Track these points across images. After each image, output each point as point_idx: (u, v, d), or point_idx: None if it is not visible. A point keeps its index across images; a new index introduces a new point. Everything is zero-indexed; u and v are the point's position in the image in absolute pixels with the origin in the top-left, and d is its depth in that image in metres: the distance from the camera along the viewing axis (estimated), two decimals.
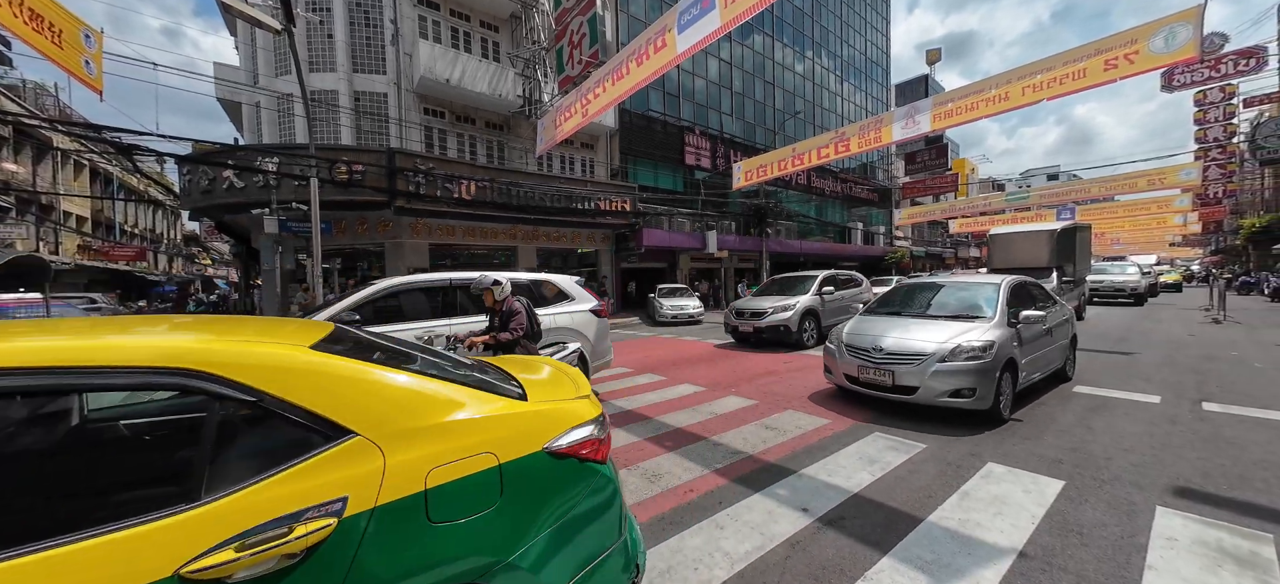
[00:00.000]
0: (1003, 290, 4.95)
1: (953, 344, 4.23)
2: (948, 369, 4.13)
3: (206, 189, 12.23)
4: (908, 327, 4.77)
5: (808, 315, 9.22)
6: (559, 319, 5.23)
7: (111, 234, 30.46)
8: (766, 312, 9.13)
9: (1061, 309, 5.84)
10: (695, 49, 5.90)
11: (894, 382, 4.36)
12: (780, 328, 8.85)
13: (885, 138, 10.69)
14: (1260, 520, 2.60)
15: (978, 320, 4.66)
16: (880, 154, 37.71)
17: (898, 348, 4.47)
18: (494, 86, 16.06)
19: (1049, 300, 5.70)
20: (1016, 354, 4.47)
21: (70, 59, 5.84)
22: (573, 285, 5.64)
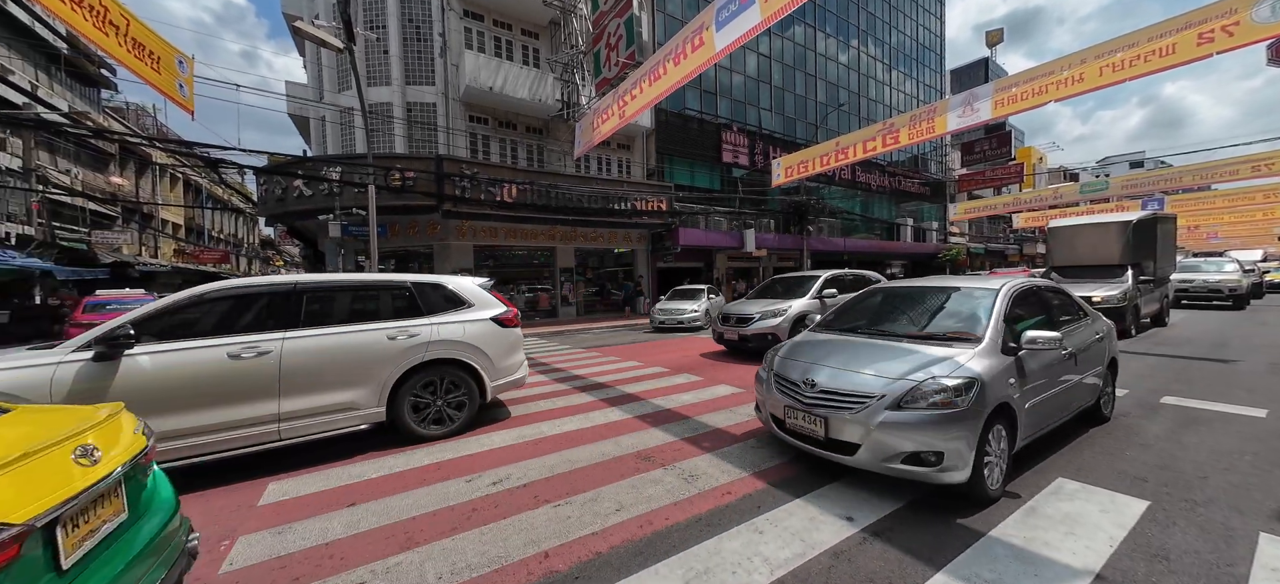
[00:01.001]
0: (999, 300, 3.42)
1: (913, 381, 2.84)
2: (903, 420, 2.73)
3: (280, 197, 13.40)
4: (858, 353, 3.35)
5: (802, 322, 7.94)
6: (443, 331, 4.24)
7: (201, 239, 33.98)
8: (753, 317, 8.03)
9: (1092, 324, 4.25)
10: (734, 46, 5.82)
11: (826, 433, 2.97)
12: (768, 336, 7.60)
13: (939, 128, 10.11)
14: None
15: (959, 344, 3.17)
16: (933, 145, 35.55)
17: (835, 385, 3.05)
18: (534, 92, 16.54)
19: (1074, 311, 4.22)
20: (1014, 395, 3.00)
21: (166, 83, 6.59)
22: (473, 290, 4.72)
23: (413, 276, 4.46)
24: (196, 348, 3.33)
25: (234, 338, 3.45)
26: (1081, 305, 4.34)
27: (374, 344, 3.89)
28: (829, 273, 8.99)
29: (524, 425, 4.61)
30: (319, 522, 2.82)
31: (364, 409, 3.83)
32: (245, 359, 3.42)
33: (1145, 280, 9.52)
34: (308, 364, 3.61)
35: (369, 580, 2.25)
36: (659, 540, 2.49)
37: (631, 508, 2.85)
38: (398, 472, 3.55)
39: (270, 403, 3.47)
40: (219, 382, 3.32)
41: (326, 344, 3.73)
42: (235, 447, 3.39)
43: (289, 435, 3.56)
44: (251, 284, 3.78)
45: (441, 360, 4.18)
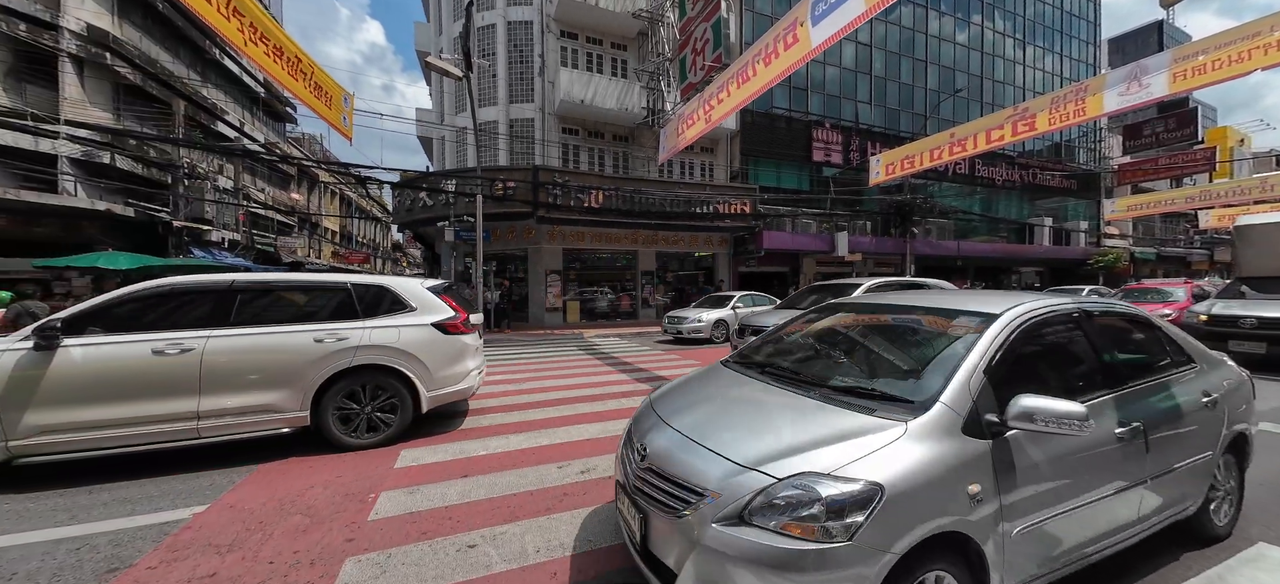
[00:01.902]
0: (985, 340, 1.92)
1: (767, 476, 1.55)
2: (737, 547, 1.47)
3: (408, 207, 15.64)
4: (737, 406, 2.11)
5: None
6: (375, 335, 3.96)
7: (349, 243, 40.83)
8: (751, 328, 7.35)
9: (1194, 380, 2.45)
10: (833, 40, 5.55)
11: (640, 537, 1.83)
12: None
13: (1092, 109, 8.59)
14: None
15: (890, 410, 1.75)
16: (1082, 130, 29.84)
17: (669, 462, 1.82)
18: (621, 101, 17.21)
19: (1159, 354, 2.49)
20: (980, 517, 1.59)
21: (334, 116, 8.13)
22: (416, 292, 4.32)
23: (355, 277, 4.24)
24: (125, 342, 3.37)
25: (162, 334, 3.46)
26: (1176, 342, 2.59)
27: (298, 346, 3.73)
28: (824, 284, 7.34)
29: (608, 420, 4.89)
30: (439, 487, 3.20)
31: (285, 412, 3.69)
32: (168, 355, 3.41)
33: None
34: (229, 363, 3.54)
35: (479, 544, 2.55)
36: None
37: None
38: (499, 452, 3.96)
39: (190, 400, 3.44)
40: (141, 376, 3.35)
41: (249, 344, 3.63)
42: (156, 440, 3.41)
43: (208, 433, 3.52)
44: (189, 282, 3.74)
45: (372, 366, 3.93)
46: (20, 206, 13.41)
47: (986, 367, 1.83)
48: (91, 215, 14.60)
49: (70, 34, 15.20)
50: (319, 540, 2.56)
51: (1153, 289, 10.48)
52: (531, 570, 2.32)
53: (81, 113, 15.08)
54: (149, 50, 17.79)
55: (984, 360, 1.85)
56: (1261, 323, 7.02)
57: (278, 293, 3.98)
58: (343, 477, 3.39)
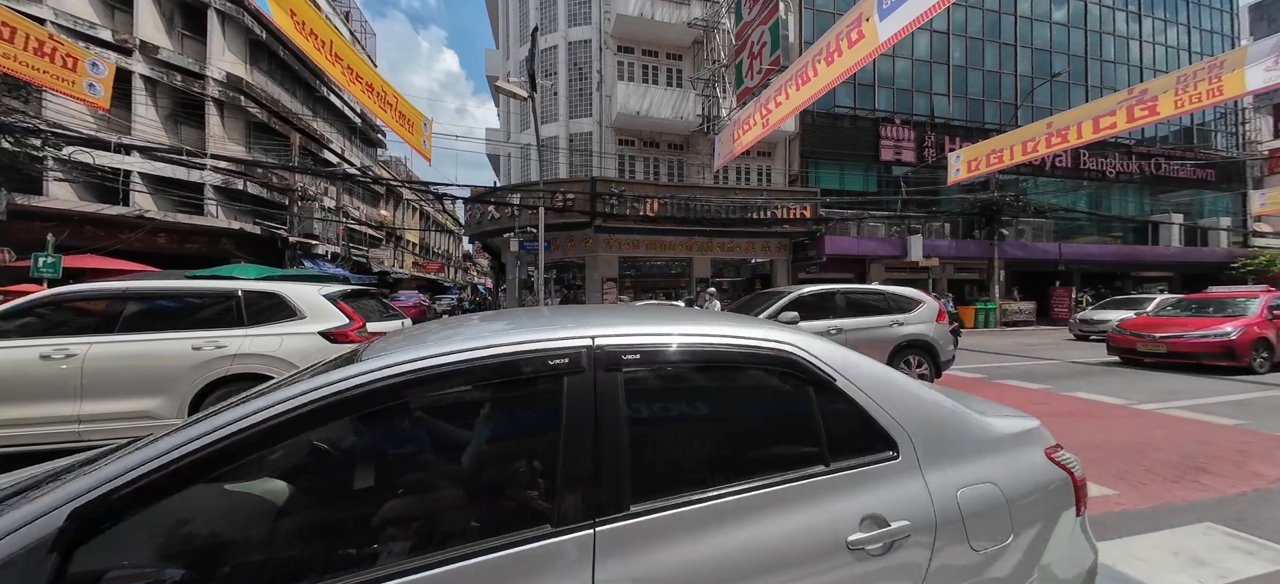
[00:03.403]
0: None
1: None
2: None
3: (478, 220, 16.86)
4: None
5: None
6: (256, 343, 3.84)
7: (426, 253, 44.66)
8: None
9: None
10: (903, 33, 5.29)
11: None
12: None
13: (1231, 88, 7.41)
14: None
15: None
16: (1218, 113, 25.36)
17: None
18: (676, 110, 17.37)
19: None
20: None
21: (417, 140, 9.05)
22: (311, 300, 4.11)
23: (247, 284, 4.17)
24: (14, 348, 3.52)
25: (51, 340, 3.57)
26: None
27: (175, 353, 3.71)
28: (802, 290, 6.40)
29: None
30: None
31: (162, 420, 3.66)
32: (54, 360, 3.50)
33: None
34: (109, 369, 3.58)
35: None
36: None
37: None
38: None
39: (71, 404, 3.51)
40: (26, 380, 3.46)
41: (129, 351, 3.65)
42: (42, 442, 3.49)
43: (89, 437, 3.55)
44: (86, 290, 3.90)
45: (251, 376, 3.81)
46: (176, 227, 16.27)
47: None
48: (228, 233, 17.34)
49: (214, 82, 18.27)
50: None
51: (1216, 299, 8.57)
52: None
53: (222, 147, 18.03)
54: (273, 92, 20.89)
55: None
56: None
57: (166, 300, 3.98)
58: None
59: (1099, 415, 5.27)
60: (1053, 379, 7.50)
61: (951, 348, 6.57)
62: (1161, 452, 4.04)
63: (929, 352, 6.19)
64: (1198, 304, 9.09)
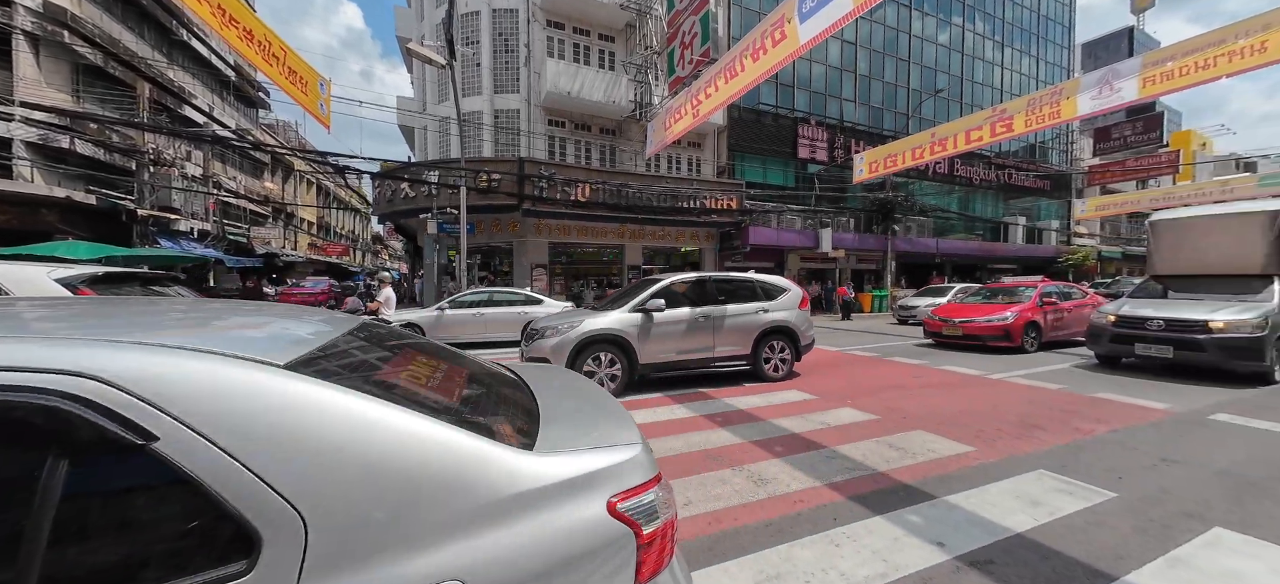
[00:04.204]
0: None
1: None
2: None
3: (389, 198, 15.25)
4: None
5: (616, 347, 5.60)
6: None
7: (327, 234, 39.69)
8: (539, 333, 5.81)
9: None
10: (821, 38, 5.54)
11: None
12: (542, 362, 5.49)
13: (1066, 112, 8.84)
14: None
15: None
16: (1055, 133, 30.77)
17: None
18: (608, 94, 17.06)
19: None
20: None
21: (311, 103, 7.84)
22: (39, 284, 3.42)
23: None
24: None
25: None
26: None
27: None
28: (672, 278, 6.35)
29: None
30: None
31: None
32: None
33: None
34: None
35: None
36: (728, 539, 2.51)
37: (700, 505, 2.88)
38: None
39: None
40: None
41: None
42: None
43: None
44: None
45: None
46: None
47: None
48: (51, 203, 13.86)
49: (25, 10, 14.32)
50: None
51: (1005, 288, 10.23)
52: None
53: (37, 94, 14.25)
54: (111, 29, 16.89)
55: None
56: (1170, 325, 6.40)
57: None
58: None
59: (962, 385, 6.20)
60: (926, 355, 8.66)
61: (812, 332, 6.91)
62: (1007, 413, 4.86)
63: (791, 337, 6.54)
64: (989, 293, 10.39)
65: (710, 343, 6.07)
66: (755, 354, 6.29)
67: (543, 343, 5.51)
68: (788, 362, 6.56)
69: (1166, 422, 4.59)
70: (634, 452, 1.15)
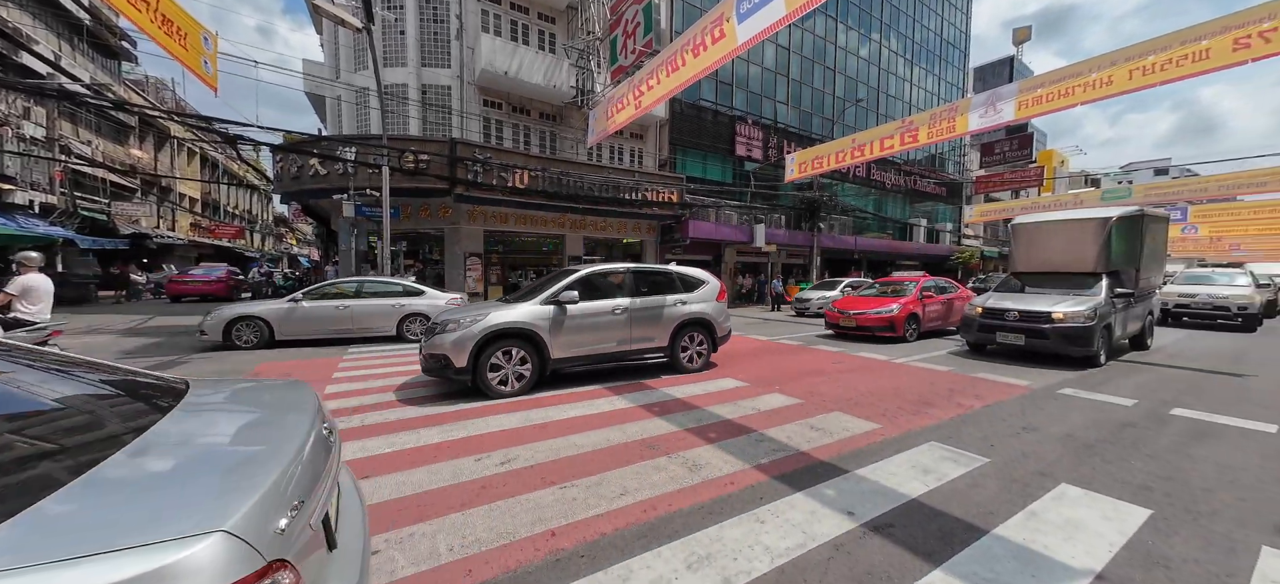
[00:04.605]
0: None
1: None
2: None
3: (295, 175, 13.54)
4: None
5: (525, 340, 5.27)
6: None
7: (217, 214, 34.49)
8: (440, 327, 5.24)
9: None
10: (756, 39, 5.69)
11: None
12: (442, 358, 5.04)
13: (960, 128, 9.89)
14: None
15: None
16: (952, 145, 34.82)
17: None
18: (549, 78, 16.45)
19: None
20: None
21: (192, 59, 6.66)
22: None
23: None
24: None
25: None
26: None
27: None
28: (589, 269, 6.11)
29: (530, 409, 4.70)
30: None
31: None
32: None
33: (1123, 293, 7.66)
34: None
35: (384, 549, 2.35)
36: (662, 525, 2.57)
37: (636, 493, 2.92)
38: (408, 449, 3.68)
39: None
40: None
41: None
42: None
43: None
44: None
45: None
46: None
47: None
48: None
49: None
50: None
51: (894, 282, 11.13)
52: (443, 570, 2.20)
53: None
54: None
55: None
56: (1023, 316, 7.31)
57: None
58: None
59: (872, 369, 6.84)
60: (842, 342, 9.43)
61: (729, 324, 7.00)
62: (907, 393, 5.46)
63: (708, 329, 6.62)
64: (881, 287, 11.06)
65: (627, 335, 5.96)
66: (673, 345, 6.31)
67: (442, 339, 5.04)
68: (704, 353, 6.61)
69: (1027, 396, 5.41)
70: (193, 551, 0.78)
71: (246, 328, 8.14)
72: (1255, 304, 12.05)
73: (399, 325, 9.03)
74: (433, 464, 3.41)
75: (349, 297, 8.91)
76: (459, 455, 3.54)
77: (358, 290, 9.11)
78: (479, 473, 3.23)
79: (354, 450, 3.65)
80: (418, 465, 3.39)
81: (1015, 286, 8.60)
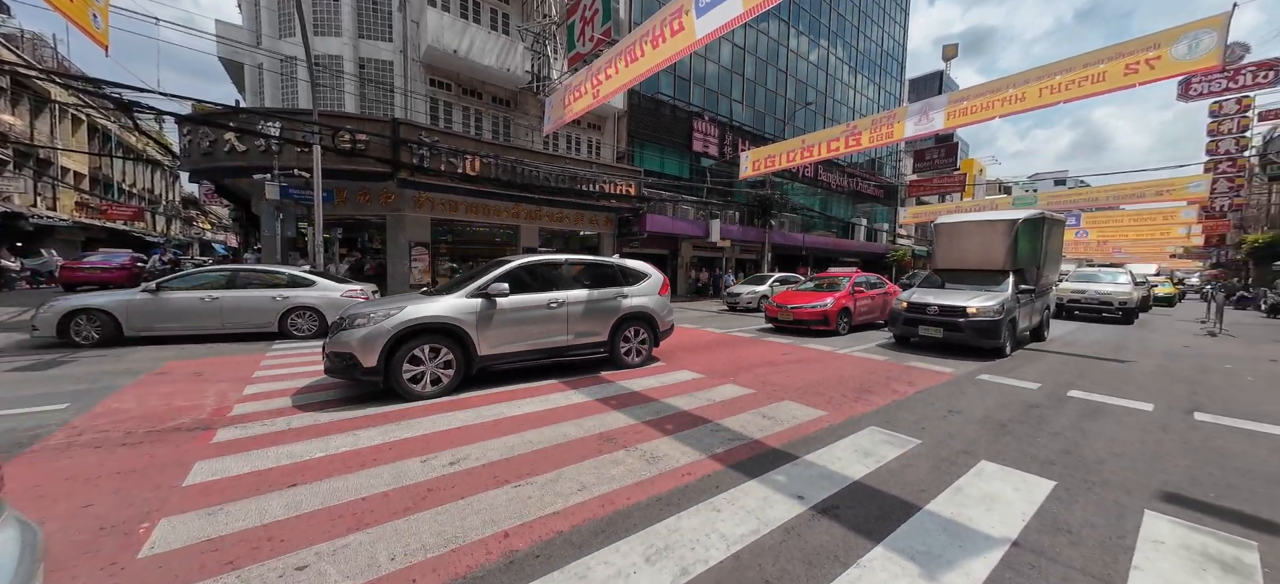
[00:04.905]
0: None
1: None
2: None
3: (207, 151, 12.06)
4: None
5: (423, 336, 4.65)
6: None
7: (109, 192, 30.18)
8: (347, 322, 4.69)
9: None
10: (714, 35, 5.69)
11: None
12: (349, 358, 4.48)
13: (897, 133, 10.50)
14: (1245, 528, 2.64)
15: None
16: (889, 150, 37.27)
17: None
18: (502, 60, 15.75)
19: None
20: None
21: (79, 12, 5.65)
22: None
23: None
24: None
25: None
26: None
27: None
28: (522, 260, 5.66)
29: (480, 405, 4.47)
30: (256, 502, 2.65)
31: None
32: None
33: (1027, 289, 8.29)
34: None
35: (314, 563, 2.12)
36: (620, 519, 2.52)
37: (593, 488, 2.86)
38: (344, 452, 3.36)
39: None
40: None
41: None
42: None
43: None
44: None
45: None
46: None
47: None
48: None
49: None
50: None
51: (829, 278, 11.66)
52: (383, 582, 2.02)
53: None
54: None
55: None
56: (942, 310, 7.71)
57: None
58: None
59: (818, 360, 7.16)
60: (790, 335, 9.76)
61: (671, 318, 6.83)
62: (850, 381, 5.77)
63: (649, 322, 6.43)
64: (817, 282, 11.36)
65: (563, 330, 5.64)
66: (613, 340, 6.06)
67: (348, 336, 4.47)
68: (646, 348, 6.42)
69: (952, 382, 5.89)
70: None
71: (87, 323, 6.91)
72: (1134, 300, 13.80)
73: (282, 321, 7.97)
74: (372, 467, 3.12)
75: (218, 287, 7.73)
76: (403, 457, 3.27)
77: (232, 279, 7.92)
78: (426, 475, 3.00)
79: (280, 457, 3.27)
80: (354, 470, 3.09)
81: (936, 282, 9.08)
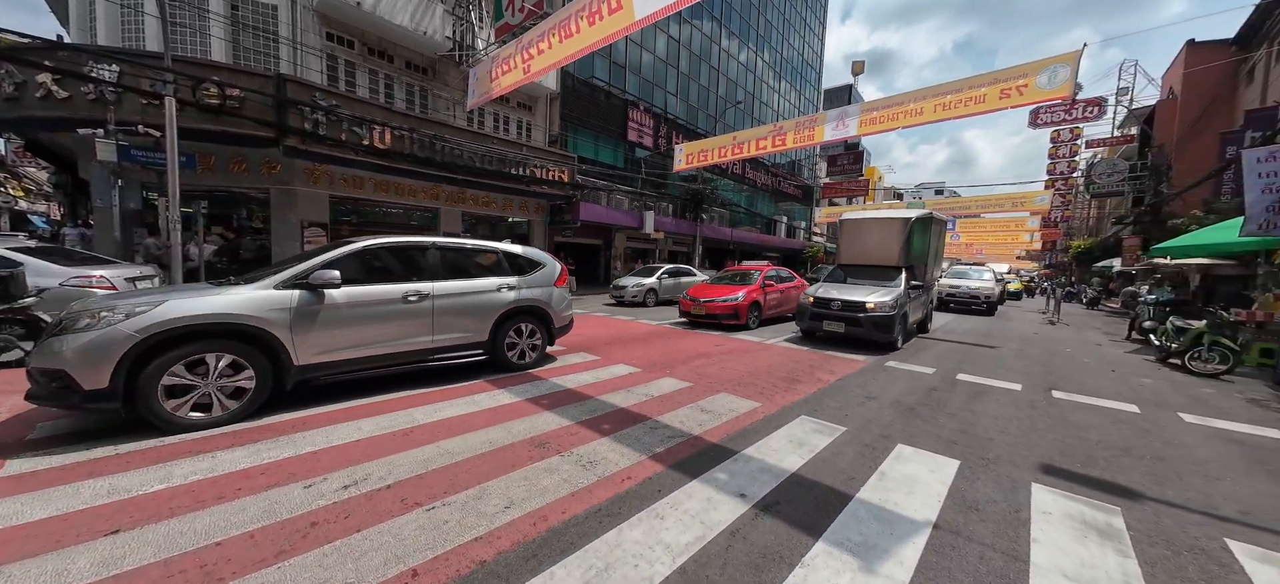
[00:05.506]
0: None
1: None
2: None
3: (13, 95, 9.22)
4: None
5: (198, 342, 3.37)
6: None
7: None
8: None
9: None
10: (654, 17, 5.38)
11: None
12: (57, 376, 3.29)
13: (817, 137, 11.05)
14: (1106, 494, 2.99)
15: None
16: (806, 153, 40.05)
17: None
18: (417, 21, 14.06)
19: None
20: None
21: None
22: None
23: None
24: None
25: None
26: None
27: None
28: (364, 242, 4.47)
29: (395, 410, 3.79)
30: (54, 560, 1.93)
31: None
32: None
33: (917, 285, 8.76)
34: None
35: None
36: (555, 538, 2.26)
37: (523, 504, 2.53)
38: (193, 481, 2.56)
39: None
40: None
41: None
42: None
43: None
44: None
45: None
46: None
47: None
48: None
49: None
50: None
51: (741, 271, 11.56)
52: None
53: None
54: None
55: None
56: (844, 305, 7.92)
57: None
58: None
59: (748, 351, 7.34)
60: (700, 329, 9.89)
61: (568, 313, 6.14)
62: (778, 371, 5.96)
63: (542, 318, 5.70)
64: (731, 276, 11.36)
65: (426, 329, 4.56)
66: (495, 339, 5.20)
67: (61, 345, 3.00)
68: (538, 346, 5.68)
69: (866, 369, 6.32)
70: None
71: None
72: (996, 294, 16.48)
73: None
74: (236, 499, 2.40)
75: None
76: (281, 482, 2.58)
77: None
78: (310, 505, 2.38)
79: (100, 493, 2.40)
80: (207, 505, 2.34)
81: (840, 277, 9.34)
